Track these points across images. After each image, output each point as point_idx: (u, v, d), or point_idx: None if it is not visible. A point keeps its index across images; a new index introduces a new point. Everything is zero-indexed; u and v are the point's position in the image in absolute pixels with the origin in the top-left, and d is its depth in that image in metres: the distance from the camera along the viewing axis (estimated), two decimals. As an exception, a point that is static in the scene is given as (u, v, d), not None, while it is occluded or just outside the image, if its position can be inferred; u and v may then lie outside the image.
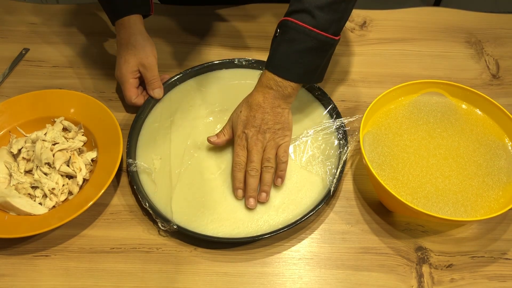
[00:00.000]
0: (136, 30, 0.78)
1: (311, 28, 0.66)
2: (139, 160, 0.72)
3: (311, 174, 0.72)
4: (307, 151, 0.74)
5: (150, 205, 0.67)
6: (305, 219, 0.65)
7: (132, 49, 0.77)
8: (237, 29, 0.96)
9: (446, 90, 0.74)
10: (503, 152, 0.68)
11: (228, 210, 0.68)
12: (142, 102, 0.79)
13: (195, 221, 0.67)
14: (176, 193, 0.70)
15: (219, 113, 0.80)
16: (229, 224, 0.67)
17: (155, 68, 0.79)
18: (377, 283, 0.63)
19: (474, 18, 1.00)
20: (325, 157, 0.73)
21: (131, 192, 0.72)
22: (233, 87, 0.84)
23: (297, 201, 0.69)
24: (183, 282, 0.63)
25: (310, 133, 0.76)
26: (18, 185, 0.69)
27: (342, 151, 0.73)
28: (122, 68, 0.78)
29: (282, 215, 0.67)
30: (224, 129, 0.73)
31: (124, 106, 0.83)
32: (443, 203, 0.63)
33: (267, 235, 0.64)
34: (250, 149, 0.69)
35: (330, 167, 0.72)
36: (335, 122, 0.76)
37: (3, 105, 0.77)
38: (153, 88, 0.80)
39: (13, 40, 0.95)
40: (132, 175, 0.70)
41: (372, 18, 0.99)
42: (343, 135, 0.75)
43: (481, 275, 0.64)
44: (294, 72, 0.68)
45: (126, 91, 0.78)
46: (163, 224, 0.65)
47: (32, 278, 0.63)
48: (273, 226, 0.66)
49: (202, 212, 0.68)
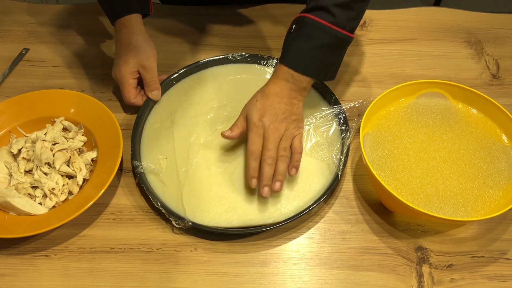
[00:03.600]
0: (137, 30, 0.78)
1: (330, 25, 0.67)
2: (145, 161, 0.73)
3: (317, 161, 0.73)
4: (310, 139, 0.75)
5: (162, 204, 0.67)
6: (315, 205, 0.66)
7: (133, 50, 0.77)
8: (237, 29, 0.96)
9: (446, 90, 0.74)
10: (503, 154, 0.68)
11: (239, 199, 0.69)
12: (141, 102, 0.79)
13: (208, 215, 0.67)
14: (186, 190, 0.70)
15: (218, 109, 0.80)
16: (241, 212, 0.68)
17: (155, 70, 0.79)
18: (377, 283, 0.63)
19: (474, 18, 1.00)
20: (328, 143, 0.75)
21: (131, 192, 0.72)
22: (230, 83, 0.84)
23: (306, 188, 0.70)
24: (183, 282, 0.63)
25: (311, 121, 0.77)
26: (18, 185, 0.69)
27: (345, 136, 0.74)
28: (122, 68, 0.77)
29: (294, 203, 0.68)
30: (237, 122, 0.73)
31: (124, 106, 0.83)
32: (444, 204, 0.63)
33: (281, 223, 0.65)
34: (267, 137, 0.68)
35: (335, 152, 0.73)
36: (334, 108, 0.78)
37: (3, 105, 0.77)
38: (152, 90, 0.80)
39: (13, 40, 0.95)
40: (140, 176, 0.70)
41: (372, 18, 0.99)
42: (344, 120, 0.76)
43: (481, 275, 0.64)
44: (311, 67, 0.69)
45: (125, 91, 0.78)
46: (177, 222, 0.65)
47: (32, 278, 0.63)
48: (285, 214, 0.67)
49: (213, 205, 0.68)
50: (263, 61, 0.86)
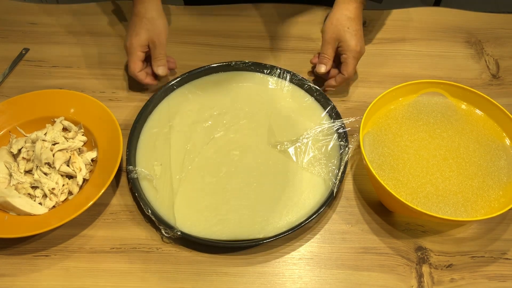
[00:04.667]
0: (154, 5, 0.80)
1: None
2: (139, 167, 0.72)
3: (313, 176, 0.72)
4: (308, 153, 0.74)
5: (153, 212, 0.66)
6: (308, 221, 0.65)
7: (146, 24, 0.79)
8: (238, 29, 0.96)
9: (446, 90, 0.74)
10: (503, 153, 0.68)
11: (232, 212, 0.68)
12: (143, 78, 0.81)
13: (198, 226, 0.66)
14: (178, 199, 0.69)
15: (218, 116, 0.80)
16: (232, 226, 0.66)
17: (165, 46, 0.81)
18: (377, 283, 0.63)
19: (474, 18, 1.00)
20: (326, 158, 0.73)
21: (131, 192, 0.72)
22: (231, 90, 0.84)
23: (300, 203, 0.69)
24: (183, 282, 0.63)
25: (310, 134, 0.76)
26: (18, 185, 0.69)
27: (343, 152, 0.73)
28: (133, 39, 0.79)
29: (286, 218, 0.67)
30: (326, 52, 0.80)
31: (124, 106, 0.83)
32: (443, 203, 0.63)
33: (271, 238, 0.64)
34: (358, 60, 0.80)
35: (331, 168, 0.72)
36: (335, 123, 0.76)
37: (3, 105, 0.77)
38: (159, 65, 0.81)
39: (13, 40, 0.95)
40: (133, 182, 0.69)
41: (372, 18, 0.99)
42: (344, 135, 0.75)
43: (481, 275, 0.64)
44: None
45: (131, 62, 0.80)
46: (166, 231, 0.65)
47: (32, 278, 0.63)
48: (277, 228, 0.66)
49: (205, 216, 0.68)
50: (266, 70, 0.85)
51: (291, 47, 0.93)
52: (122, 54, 0.88)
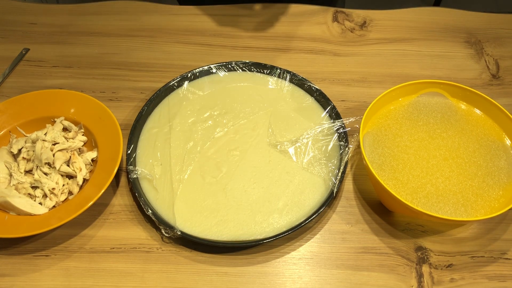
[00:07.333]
0: None
1: None
2: (139, 167, 0.72)
3: (313, 176, 0.72)
4: (308, 153, 0.74)
5: (153, 212, 0.66)
6: (308, 221, 0.65)
7: None
8: (238, 29, 0.96)
9: (446, 90, 0.74)
10: (503, 153, 0.68)
11: (232, 212, 0.68)
12: None
13: (198, 226, 0.66)
14: (178, 199, 0.69)
15: (218, 116, 0.80)
16: (232, 226, 0.67)
17: None
18: (377, 283, 0.63)
19: (474, 18, 1.00)
20: (326, 158, 0.73)
21: (131, 192, 0.72)
22: (231, 90, 0.84)
23: (300, 203, 0.69)
24: (183, 282, 0.63)
25: (310, 134, 0.76)
26: (18, 185, 0.69)
27: (343, 152, 0.73)
28: None
29: (286, 218, 0.67)
30: None
31: (124, 106, 0.83)
32: (443, 203, 0.63)
33: (271, 238, 0.64)
34: None
35: (331, 168, 0.72)
36: (335, 123, 0.77)
37: (3, 105, 0.77)
38: None
39: (13, 40, 0.95)
40: (133, 182, 0.70)
41: (372, 18, 0.99)
42: (344, 135, 0.75)
43: (481, 275, 0.64)
44: None
45: None
46: (166, 231, 0.65)
47: (32, 278, 0.63)
48: (277, 228, 0.66)
49: (205, 216, 0.68)
50: (266, 70, 0.85)
51: (291, 47, 0.93)
52: (122, 54, 0.88)
